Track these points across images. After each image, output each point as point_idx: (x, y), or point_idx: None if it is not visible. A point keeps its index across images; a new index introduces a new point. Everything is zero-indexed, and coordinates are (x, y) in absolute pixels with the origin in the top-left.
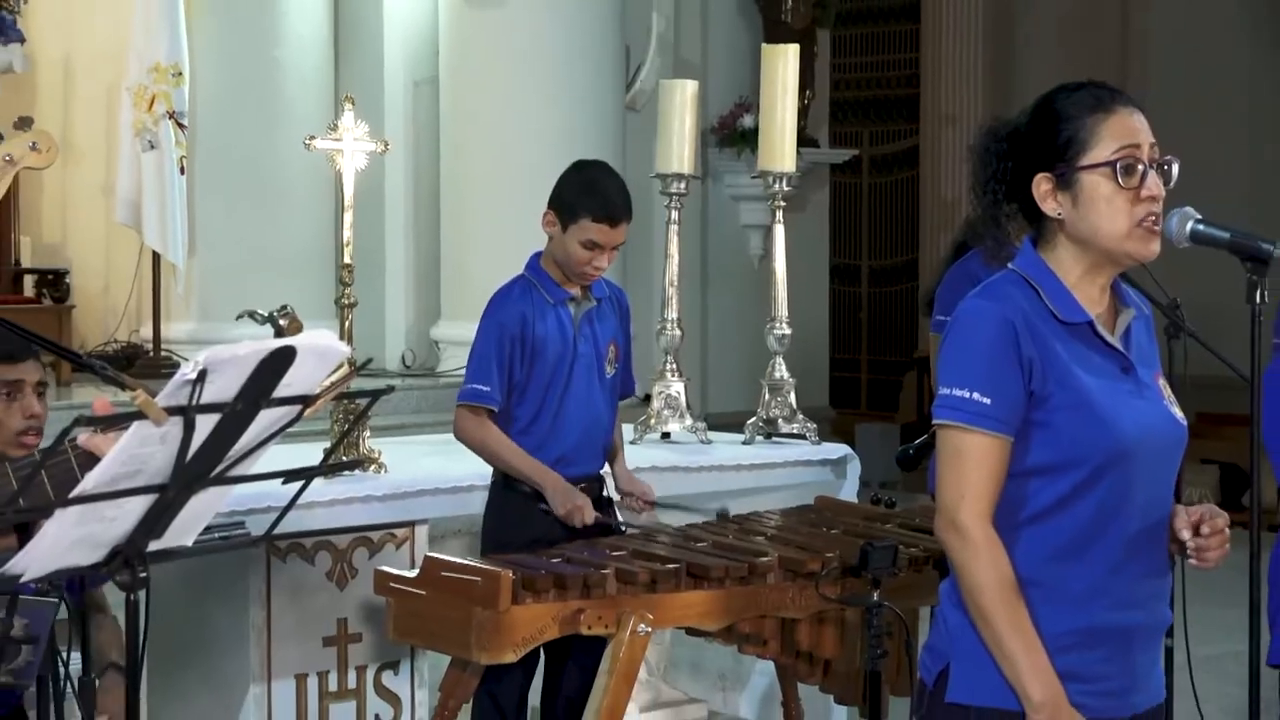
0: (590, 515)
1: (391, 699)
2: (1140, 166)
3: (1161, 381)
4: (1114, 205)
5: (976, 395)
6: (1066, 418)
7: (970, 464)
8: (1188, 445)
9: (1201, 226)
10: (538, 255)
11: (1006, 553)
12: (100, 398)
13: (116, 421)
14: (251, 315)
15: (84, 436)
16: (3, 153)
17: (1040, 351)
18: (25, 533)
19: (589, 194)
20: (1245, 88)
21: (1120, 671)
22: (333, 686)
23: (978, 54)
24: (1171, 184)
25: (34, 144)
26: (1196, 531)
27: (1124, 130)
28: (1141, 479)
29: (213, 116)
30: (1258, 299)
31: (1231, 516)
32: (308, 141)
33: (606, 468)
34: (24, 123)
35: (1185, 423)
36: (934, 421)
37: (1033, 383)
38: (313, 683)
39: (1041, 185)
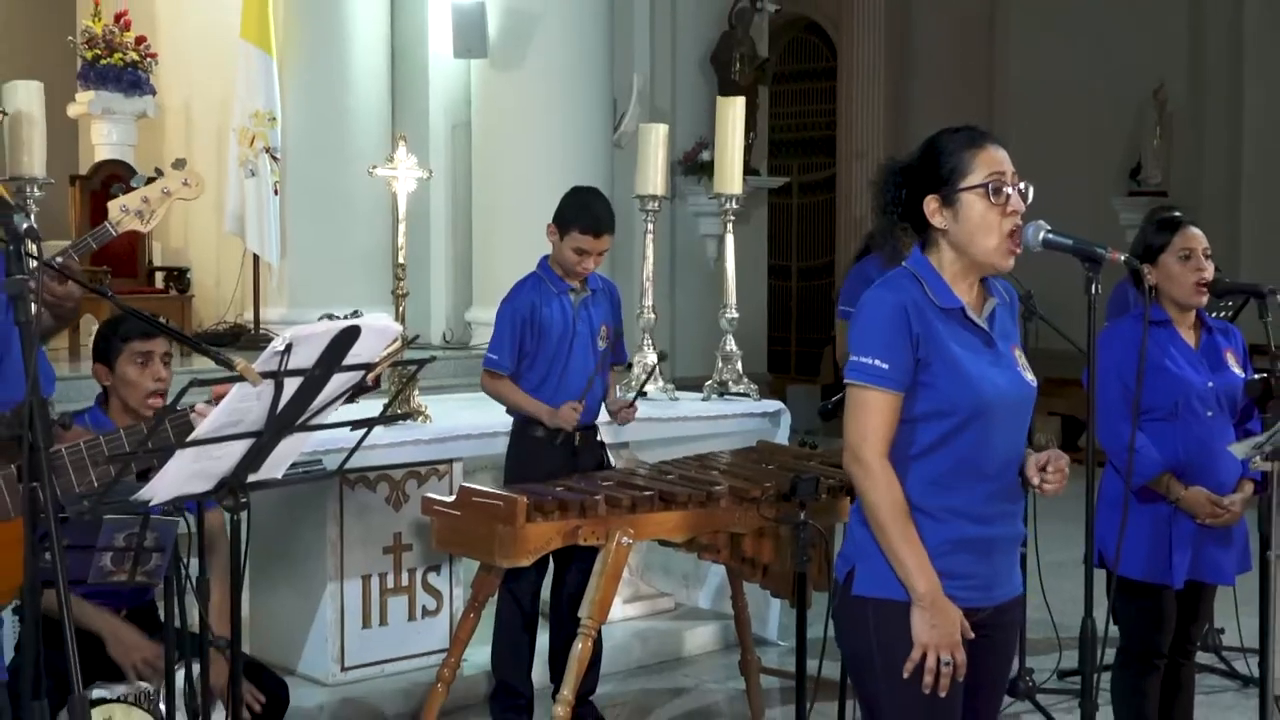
0: (573, 418)
1: (435, 594)
2: (1006, 188)
3: (1018, 352)
4: (987, 219)
5: (877, 361)
6: (943, 379)
7: (871, 413)
8: (1038, 400)
9: (1051, 235)
10: (546, 257)
11: (900, 481)
12: (220, 387)
13: (225, 382)
14: (330, 317)
15: (201, 406)
16: (161, 187)
17: (924, 329)
18: (145, 474)
19: (580, 211)
20: (1087, 128)
21: (984, 571)
22: (390, 585)
23: (879, 106)
24: (1028, 202)
25: (185, 180)
26: (1044, 470)
27: (993, 161)
28: (999, 426)
29: (299, 151)
30: (1093, 290)
31: (1070, 455)
32: (371, 170)
33: (604, 414)
34: (179, 163)
35: (1035, 384)
36: (845, 380)
37: (919, 352)
38: (375, 582)
39: (930, 205)
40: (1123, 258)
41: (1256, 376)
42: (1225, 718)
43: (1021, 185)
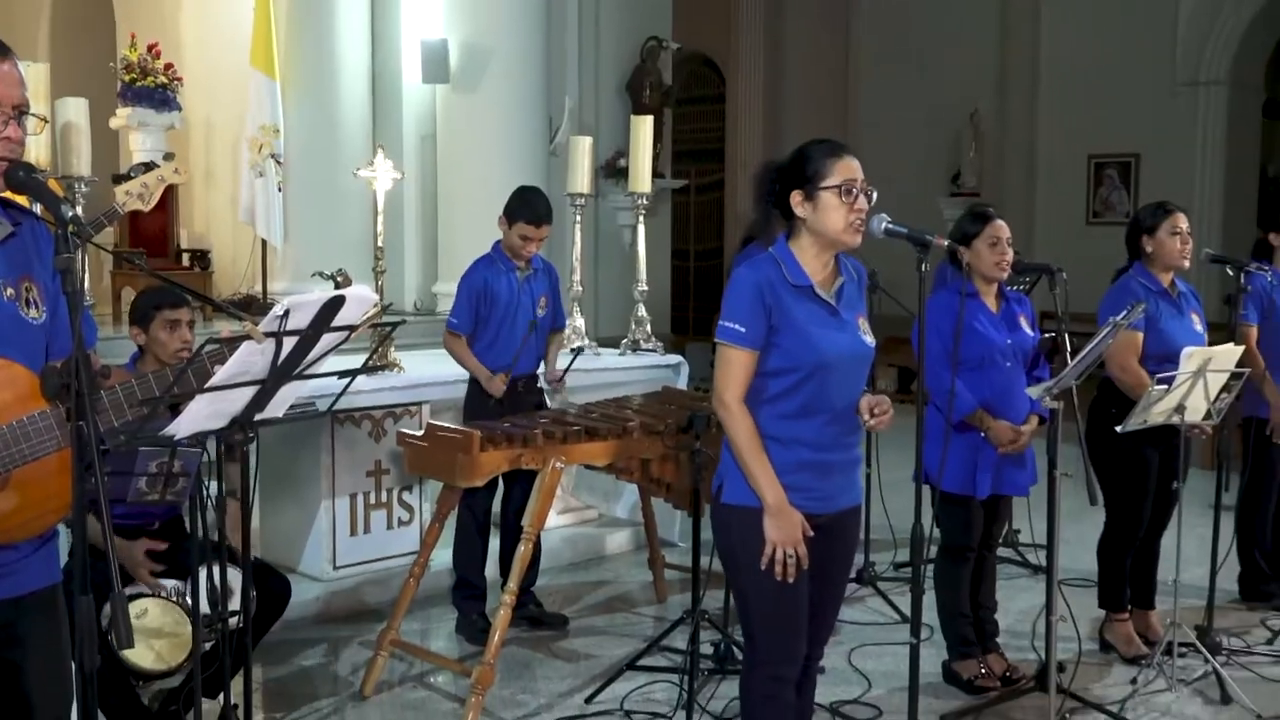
0: (500, 389)
1: (408, 508)
2: (855, 190)
3: (862, 319)
4: (838, 212)
5: (737, 326)
6: (790, 342)
7: (732, 366)
8: (881, 353)
9: (890, 225)
10: (498, 242)
11: (752, 417)
12: (229, 327)
13: (235, 341)
14: (320, 274)
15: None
16: (157, 175)
17: (776, 301)
18: (176, 410)
19: (524, 206)
20: (918, 143)
21: (823, 486)
22: (372, 501)
23: (759, 124)
24: (873, 202)
25: (176, 169)
26: (872, 412)
27: (848, 169)
28: (837, 379)
29: (298, 157)
30: (922, 268)
31: (903, 399)
32: (355, 172)
33: (542, 367)
34: (169, 157)
35: (873, 344)
36: (715, 340)
37: (771, 319)
38: (360, 499)
39: (796, 197)
40: (945, 243)
41: (1046, 336)
42: (1020, 597)
43: (867, 189)
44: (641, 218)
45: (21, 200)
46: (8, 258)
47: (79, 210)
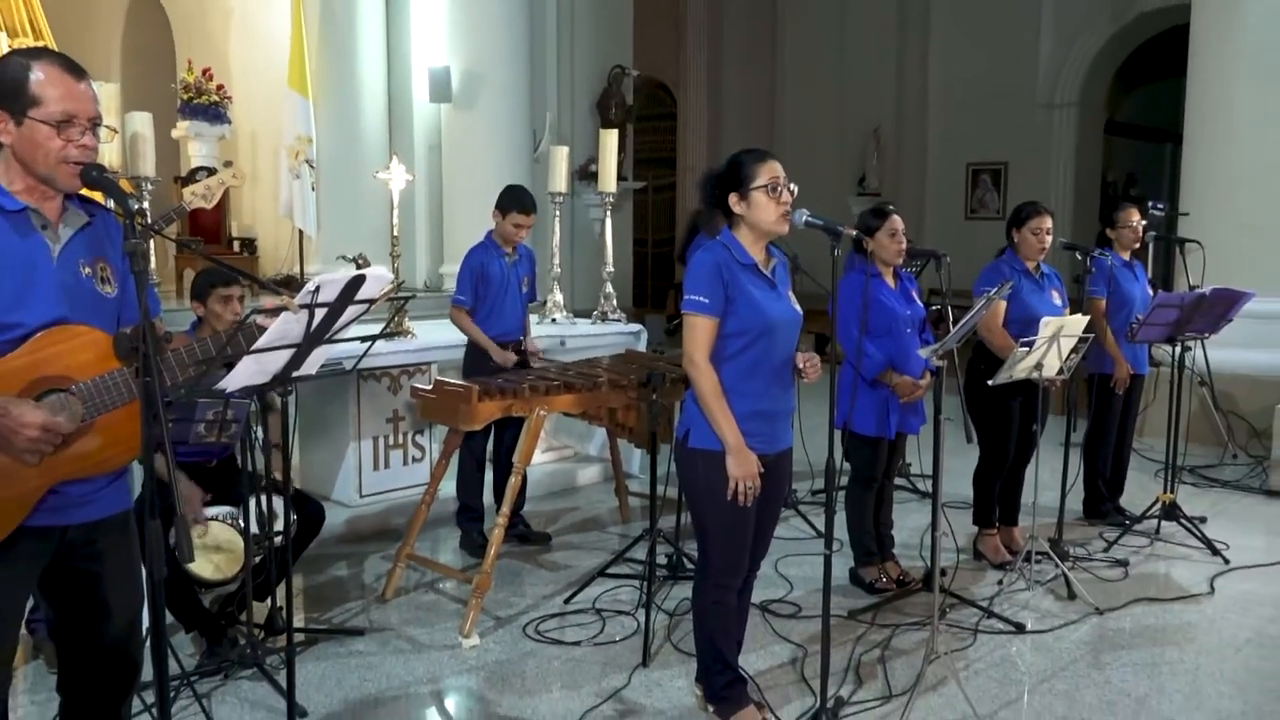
0: (511, 360)
1: (420, 448)
2: (779, 187)
3: (790, 293)
4: (769, 207)
5: (701, 298)
6: (743, 309)
7: (699, 331)
8: (802, 324)
9: (810, 218)
10: (490, 231)
11: (716, 374)
12: (272, 299)
13: (275, 311)
14: (343, 257)
15: (260, 319)
16: (219, 179)
17: (731, 277)
18: (228, 368)
19: (514, 200)
20: (832, 151)
21: (769, 431)
22: (391, 442)
23: (703, 137)
24: (794, 196)
25: (233, 174)
26: (807, 364)
27: (772, 170)
28: (779, 339)
29: (328, 162)
30: (835, 253)
31: (819, 360)
32: (375, 175)
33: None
34: (228, 164)
35: (801, 312)
36: (682, 311)
37: (728, 292)
38: (381, 440)
39: (733, 198)
40: (853, 233)
41: (933, 308)
42: (911, 517)
43: (789, 185)
44: (608, 212)
45: (96, 196)
46: (86, 242)
47: (145, 204)
